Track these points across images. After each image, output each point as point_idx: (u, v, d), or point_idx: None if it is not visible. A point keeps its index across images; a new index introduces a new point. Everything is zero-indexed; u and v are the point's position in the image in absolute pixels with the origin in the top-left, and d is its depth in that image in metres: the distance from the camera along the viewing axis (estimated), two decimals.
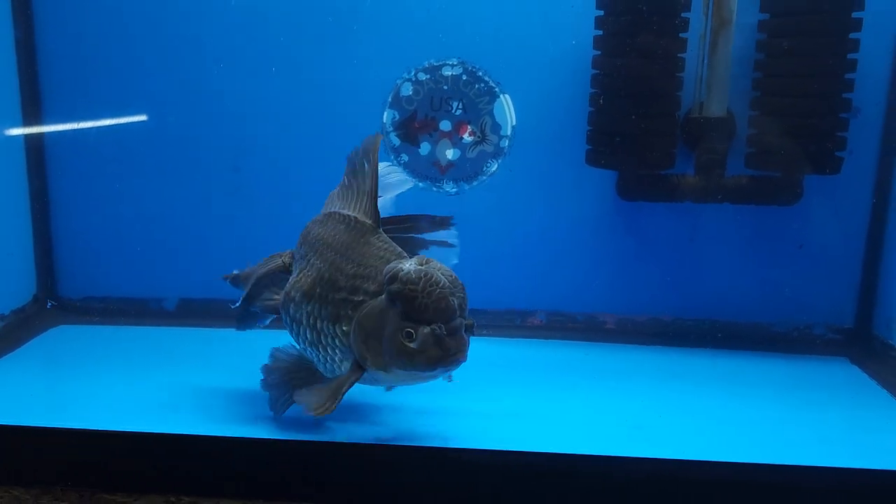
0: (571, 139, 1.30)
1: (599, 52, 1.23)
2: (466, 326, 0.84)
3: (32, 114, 1.35)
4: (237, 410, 1.03)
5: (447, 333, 0.81)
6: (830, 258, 1.32)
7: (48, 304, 1.39)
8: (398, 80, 1.32)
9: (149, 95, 1.35)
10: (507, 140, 1.33)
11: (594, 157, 1.28)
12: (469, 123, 1.33)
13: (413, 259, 0.85)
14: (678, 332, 1.36)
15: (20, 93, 1.34)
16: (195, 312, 1.39)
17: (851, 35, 1.18)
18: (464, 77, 1.31)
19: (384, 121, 1.33)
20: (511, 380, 1.17)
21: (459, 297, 0.84)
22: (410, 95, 1.32)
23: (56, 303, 1.41)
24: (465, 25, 1.30)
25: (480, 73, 1.31)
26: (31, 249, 1.39)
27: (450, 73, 1.31)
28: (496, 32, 1.29)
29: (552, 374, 1.21)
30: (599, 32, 1.22)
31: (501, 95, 1.32)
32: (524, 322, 1.39)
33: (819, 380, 1.23)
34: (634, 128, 1.21)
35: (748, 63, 1.24)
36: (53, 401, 1.09)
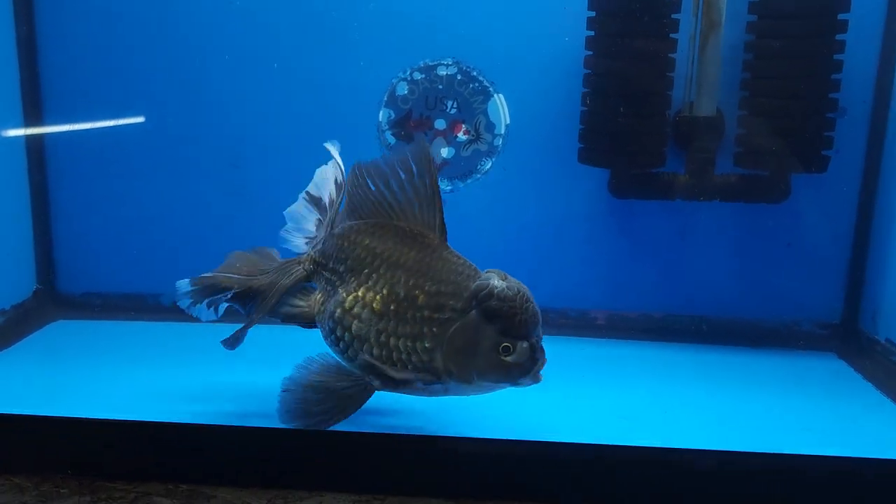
0: (564, 138, 1.32)
1: (591, 53, 1.26)
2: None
3: (33, 114, 1.37)
4: (233, 402, 1.05)
5: (539, 345, 0.86)
6: (818, 255, 1.34)
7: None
8: (394, 80, 1.34)
9: (147, 93, 1.36)
10: (501, 139, 1.35)
11: (586, 156, 1.30)
12: (463, 122, 1.35)
13: (492, 274, 0.87)
14: (668, 328, 1.38)
15: (20, 89, 1.35)
16: None
17: (837, 36, 1.20)
18: (458, 77, 1.33)
19: (380, 119, 1.35)
20: None
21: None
22: (406, 94, 1.35)
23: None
24: (460, 26, 1.32)
25: (475, 73, 1.33)
26: (32, 245, 1.41)
27: (445, 73, 1.33)
28: (490, 33, 1.32)
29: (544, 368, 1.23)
30: (591, 33, 1.25)
31: (495, 95, 1.34)
32: None
33: (806, 374, 1.26)
34: (626, 127, 1.24)
35: (737, 63, 1.26)
36: (53, 392, 1.11)
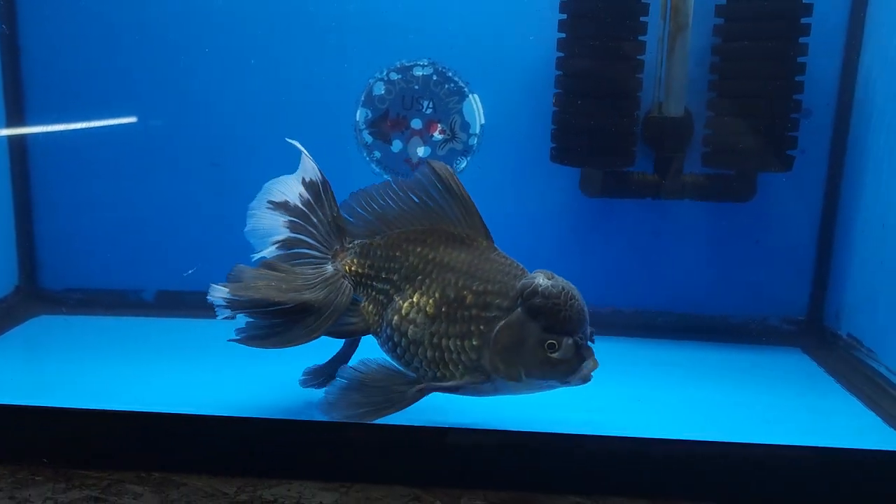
0: (538, 138, 1.35)
1: (563, 54, 1.28)
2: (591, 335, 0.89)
3: (15, 112, 1.38)
4: (210, 394, 1.08)
5: (585, 343, 0.87)
6: (784, 253, 1.37)
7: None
8: (371, 80, 1.37)
9: (128, 91, 1.38)
10: (476, 138, 1.38)
11: (558, 155, 1.33)
12: (439, 122, 1.37)
13: (539, 273, 0.88)
14: (639, 324, 1.40)
15: (2, 88, 1.37)
16: (173, 303, 1.43)
17: (801, 39, 1.23)
18: (434, 77, 1.36)
19: (357, 119, 1.38)
20: None
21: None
22: (383, 94, 1.37)
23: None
24: (436, 27, 1.34)
25: (450, 74, 1.36)
26: (14, 241, 1.42)
27: (420, 74, 1.36)
28: (465, 35, 1.34)
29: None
30: (563, 35, 1.28)
31: (470, 95, 1.36)
32: None
33: (772, 368, 1.28)
34: (596, 127, 1.26)
35: (705, 65, 1.29)
36: (32, 384, 1.13)
